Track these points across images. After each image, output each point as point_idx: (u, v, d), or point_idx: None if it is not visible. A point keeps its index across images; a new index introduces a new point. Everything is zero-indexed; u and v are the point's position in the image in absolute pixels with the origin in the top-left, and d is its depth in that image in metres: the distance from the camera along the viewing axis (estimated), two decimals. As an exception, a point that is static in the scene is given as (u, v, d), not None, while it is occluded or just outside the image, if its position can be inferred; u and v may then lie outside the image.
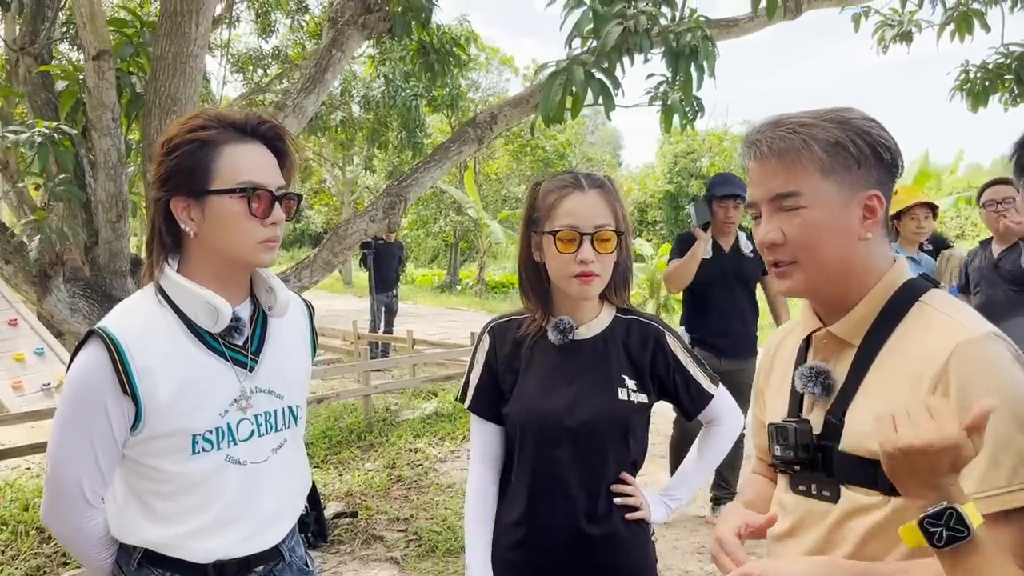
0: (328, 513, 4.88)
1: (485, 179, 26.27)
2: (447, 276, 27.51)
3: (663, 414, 1.98)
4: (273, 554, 1.67)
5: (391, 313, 11.61)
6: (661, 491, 1.98)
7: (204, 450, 1.53)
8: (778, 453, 1.34)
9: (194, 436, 1.52)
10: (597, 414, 1.80)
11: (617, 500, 1.84)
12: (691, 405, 1.93)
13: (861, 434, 1.24)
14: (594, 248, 1.76)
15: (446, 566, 4.23)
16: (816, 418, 1.33)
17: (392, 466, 6.08)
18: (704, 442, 2.03)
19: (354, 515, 5.00)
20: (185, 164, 1.50)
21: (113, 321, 1.51)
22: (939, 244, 5.26)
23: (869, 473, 1.21)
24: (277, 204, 1.55)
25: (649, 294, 16.78)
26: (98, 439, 1.48)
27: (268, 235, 1.55)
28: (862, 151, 1.24)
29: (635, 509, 1.85)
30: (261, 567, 1.65)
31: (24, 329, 8.63)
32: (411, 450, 6.52)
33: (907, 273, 1.30)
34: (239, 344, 1.60)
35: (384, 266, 11.27)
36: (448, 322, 16.05)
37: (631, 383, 1.84)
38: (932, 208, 4.56)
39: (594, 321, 1.88)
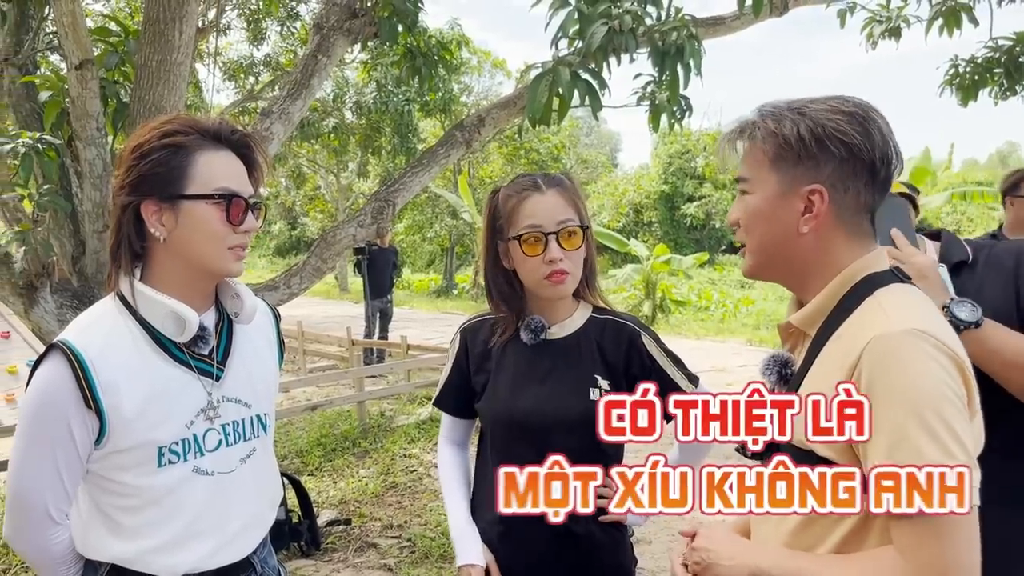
0: (321, 521, 4.85)
1: (480, 182, 26.23)
2: (443, 281, 27.46)
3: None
4: (244, 565, 1.64)
5: (386, 318, 11.61)
6: None
7: (171, 462, 1.50)
8: None
9: (160, 448, 1.48)
10: (566, 415, 1.78)
11: None
12: None
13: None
14: (560, 246, 1.75)
15: (439, 572, 4.20)
16: None
17: (386, 472, 6.05)
18: (685, 443, 1.98)
19: (347, 522, 4.97)
20: (159, 169, 1.47)
21: (75, 334, 1.47)
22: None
23: (801, 463, 1.20)
24: (250, 212, 1.54)
25: (645, 295, 16.73)
26: (62, 455, 1.45)
27: (240, 242, 1.53)
28: (806, 145, 1.22)
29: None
30: None
31: (17, 341, 8.61)
32: (405, 456, 6.50)
33: (875, 266, 1.25)
34: (204, 354, 1.57)
35: (379, 271, 11.28)
36: (444, 327, 16.01)
37: (604, 383, 1.82)
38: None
39: (568, 321, 1.88)
